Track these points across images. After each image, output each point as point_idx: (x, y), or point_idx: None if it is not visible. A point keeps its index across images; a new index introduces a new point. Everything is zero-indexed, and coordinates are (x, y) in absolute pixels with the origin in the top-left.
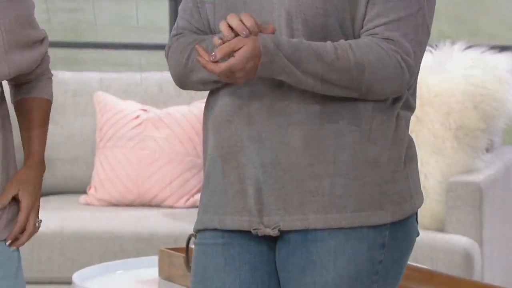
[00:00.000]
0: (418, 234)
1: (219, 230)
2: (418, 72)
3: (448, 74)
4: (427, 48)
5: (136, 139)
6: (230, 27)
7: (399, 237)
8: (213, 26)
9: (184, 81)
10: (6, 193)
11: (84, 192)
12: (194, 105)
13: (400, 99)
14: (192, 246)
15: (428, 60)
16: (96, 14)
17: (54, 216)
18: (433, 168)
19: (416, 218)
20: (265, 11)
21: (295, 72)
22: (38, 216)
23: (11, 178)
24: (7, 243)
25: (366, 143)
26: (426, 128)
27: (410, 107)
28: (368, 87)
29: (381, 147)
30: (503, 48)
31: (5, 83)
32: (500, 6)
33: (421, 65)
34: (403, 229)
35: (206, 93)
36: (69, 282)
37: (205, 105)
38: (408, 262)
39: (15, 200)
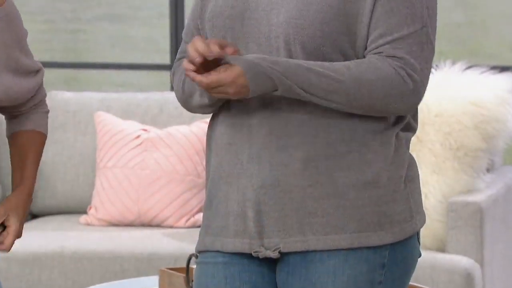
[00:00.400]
0: (420, 255)
1: (221, 251)
2: (425, 89)
3: (448, 94)
4: None
5: (137, 159)
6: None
7: (400, 258)
8: None
9: (187, 106)
10: None
11: (84, 212)
12: (195, 125)
13: (401, 120)
14: (192, 266)
15: (429, 80)
16: (96, 35)
17: (54, 236)
18: (434, 188)
19: (418, 238)
20: (263, 34)
21: (280, 77)
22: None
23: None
24: None
25: (365, 164)
26: (427, 148)
27: (411, 129)
28: (368, 104)
29: (380, 168)
30: (503, 69)
31: None
32: (500, 27)
33: None
34: (403, 250)
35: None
36: None
37: (208, 125)
38: (409, 283)
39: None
